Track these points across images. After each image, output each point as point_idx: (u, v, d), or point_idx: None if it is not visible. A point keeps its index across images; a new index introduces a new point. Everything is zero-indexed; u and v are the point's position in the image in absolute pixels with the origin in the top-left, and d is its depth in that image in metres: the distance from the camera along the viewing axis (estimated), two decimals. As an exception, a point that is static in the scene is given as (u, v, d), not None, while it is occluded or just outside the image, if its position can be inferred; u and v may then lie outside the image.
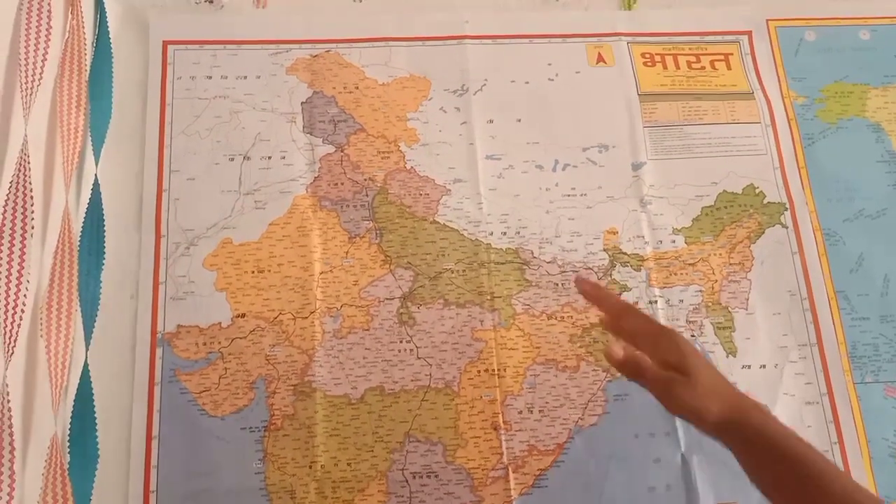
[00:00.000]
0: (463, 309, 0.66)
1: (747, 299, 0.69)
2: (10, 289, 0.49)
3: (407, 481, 0.61)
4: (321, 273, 0.66)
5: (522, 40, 0.75)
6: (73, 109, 0.58)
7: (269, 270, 0.66)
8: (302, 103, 0.71)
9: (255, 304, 0.64)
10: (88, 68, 0.64)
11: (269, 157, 0.69)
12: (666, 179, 0.72)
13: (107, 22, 0.68)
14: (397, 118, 0.72)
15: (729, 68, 0.76)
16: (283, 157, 0.69)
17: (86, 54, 0.61)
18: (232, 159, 0.68)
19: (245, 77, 0.71)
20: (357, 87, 0.72)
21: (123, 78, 0.69)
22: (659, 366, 0.52)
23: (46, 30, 0.55)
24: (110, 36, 0.68)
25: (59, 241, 0.55)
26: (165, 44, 0.71)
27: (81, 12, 0.61)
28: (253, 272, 0.65)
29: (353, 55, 0.73)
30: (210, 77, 0.71)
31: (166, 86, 0.70)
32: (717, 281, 0.69)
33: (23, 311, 0.49)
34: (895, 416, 0.67)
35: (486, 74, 0.74)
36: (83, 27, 0.61)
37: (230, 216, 0.67)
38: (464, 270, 0.67)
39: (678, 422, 0.64)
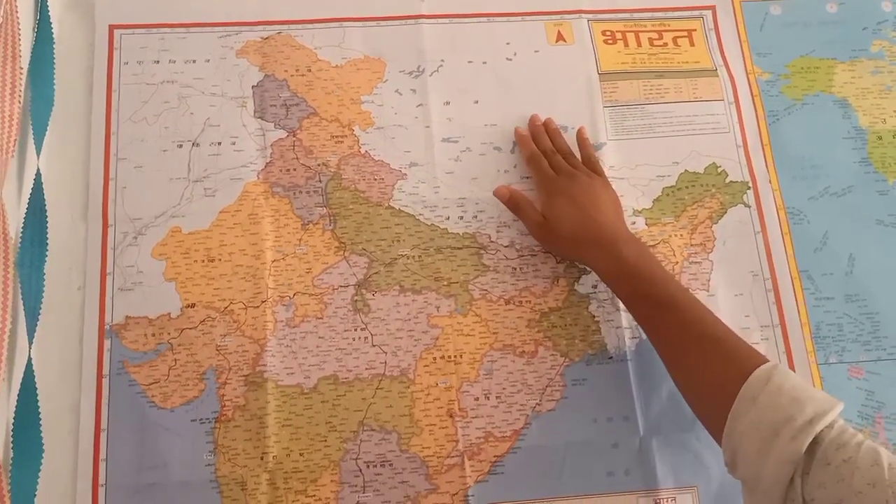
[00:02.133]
0: (419, 295, 0.65)
1: (709, 280, 0.67)
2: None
3: (361, 470, 0.60)
4: (273, 261, 0.64)
5: (480, 19, 0.73)
6: (6, 98, 0.56)
7: (220, 259, 0.64)
8: (253, 87, 0.69)
9: (205, 294, 0.63)
10: (28, 55, 0.62)
11: (219, 143, 0.67)
12: (626, 160, 0.70)
13: (47, 6, 0.65)
14: (351, 101, 0.70)
15: (692, 45, 0.74)
16: (234, 143, 0.67)
17: (20, 40, 0.59)
18: (180, 146, 0.67)
19: (194, 61, 0.69)
20: (310, 70, 0.70)
21: (68, 64, 0.67)
22: (540, 207, 0.65)
23: (-24, 16, 0.53)
24: (52, 21, 0.66)
25: (-7, 234, 0.53)
26: (112, 28, 0.69)
27: (15, -3, 0.59)
28: (203, 261, 0.64)
29: (306, 37, 0.71)
30: (158, 61, 0.69)
31: (112, 71, 0.68)
32: (678, 262, 0.67)
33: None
34: (859, 397, 0.65)
35: (443, 55, 0.72)
36: (17, 12, 0.59)
37: (179, 204, 0.65)
38: (420, 256, 0.66)
39: (637, 406, 0.63)
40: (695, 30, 0.75)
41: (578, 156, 0.69)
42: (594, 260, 0.62)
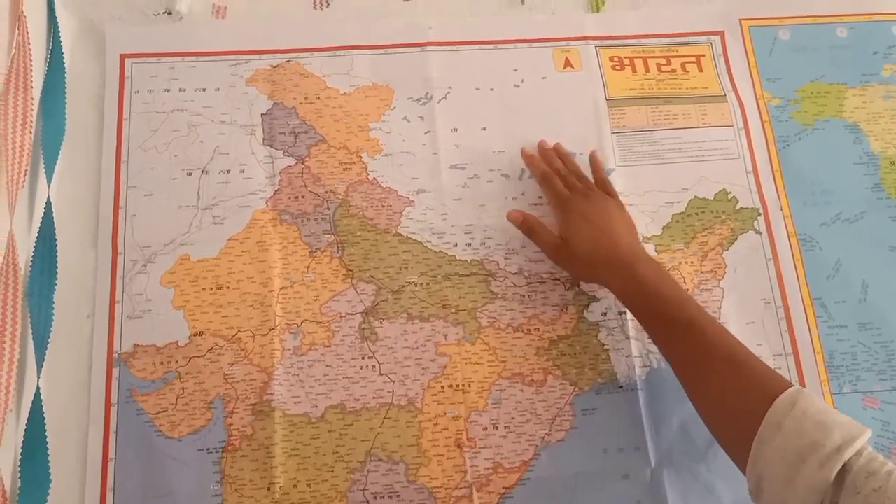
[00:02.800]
0: (427, 323, 0.65)
1: (720, 308, 0.67)
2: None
3: (368, 501, 0.60)
4: (281, 289, 0.64)
5: (487, 46, 0.74)
6: (17, 128, 0.56)
7: (228, 287, 0.64)
8: (262, 115, 0.69)
9: (213, 322, 0.63)
10: (41, 85, 0.63)
11: (228, 171, 0.67)
12: (635, 186, 0.70)
13: (59, 36, 0.66)
14: (359, 128, 0.70)
15: (700, 70, 0.74)
16: (243, 171, 0.68)
17: (32, 71, 0.59)
18: (190, 174, 0.67)
19: (204, 89, 0.70)
20: (318, 98, 0.71)
21: (79, 93, 0.68)
22: (556, 228, 0.65)
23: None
24: (64, 50, 0.67)
25: (2, 265, 0.53)
26: (123, 57, 0.70)
27: (27, 28, 0.59)
28: (211, 289, 0.64)
29: (315, 65, 0.72)
30: (168, 90, 0.69)
31: (123, 100, 0.69)
32: (688, 290, 0.67)
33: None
34: (875, 427, 0.64)
35: (451, 82, 0.72)
36: (29, 43, 0.59)
37: (188, 232, 0.65)
38: (427, 283, 0.66)
39: (648, 436, 0.62)
40: (703, 55, 0.75)
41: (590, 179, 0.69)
42: (611, 280, 0.61)
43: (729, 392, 0.52)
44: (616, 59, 0.74)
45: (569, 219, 0.64)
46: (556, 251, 0.64)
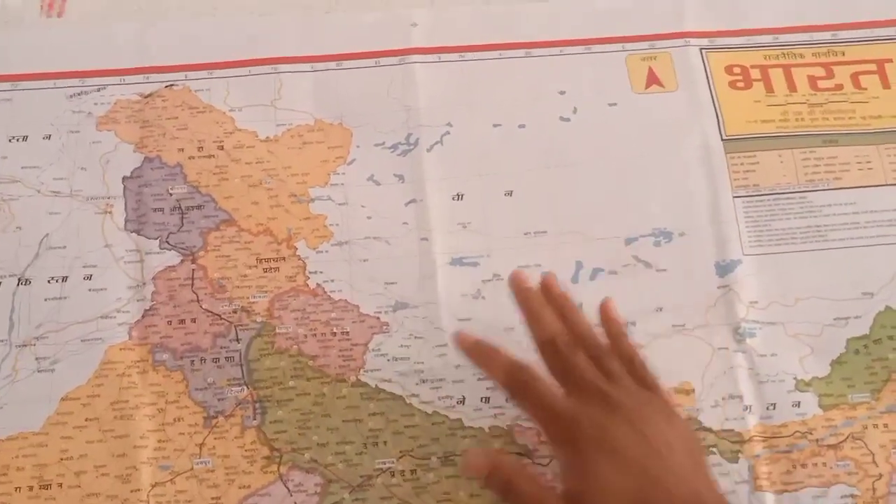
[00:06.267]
0: (413, 544, 0.65)
1: (940, 517, 0.66)
2: None
3: None
4: (154, 486, 0.65)
5: (513, 52, 0.76)
6: None
7: (61, 484, 0.64)
8: (125, 180, 0.72)
9: (33, 549, 0.63)
10: None
11: (65, 279, 0.69)
12: (780, 290, 0.71)
13: None
14: (292, 198, 0.72)
15: (887, 87, 0.76)
16: (90, 278, 0.69)
17: None
18: (-2, 284, 0.69)
19: (25, 138, 0.73)
20: (222, 147, 0.73)
21: None
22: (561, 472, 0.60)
23: None
24: None
25: None
26: None
27: None
28: (30, 488, 0.64)
29: (216, 90, 0.75)
30: (-38, 140, 0.73)
31: None
32: (880, 476, 0.67)
33: None
34: None
35: (450, 115, 0.75)
36: None
37: (-8, 387, 0.67)
38: (413, 471, 0.66)
39: None
40: (890, 60, 0.77)
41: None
42: None
43: None
44: (737, 69, 0.76)
45: (581, 459, 0.59)
46: None
